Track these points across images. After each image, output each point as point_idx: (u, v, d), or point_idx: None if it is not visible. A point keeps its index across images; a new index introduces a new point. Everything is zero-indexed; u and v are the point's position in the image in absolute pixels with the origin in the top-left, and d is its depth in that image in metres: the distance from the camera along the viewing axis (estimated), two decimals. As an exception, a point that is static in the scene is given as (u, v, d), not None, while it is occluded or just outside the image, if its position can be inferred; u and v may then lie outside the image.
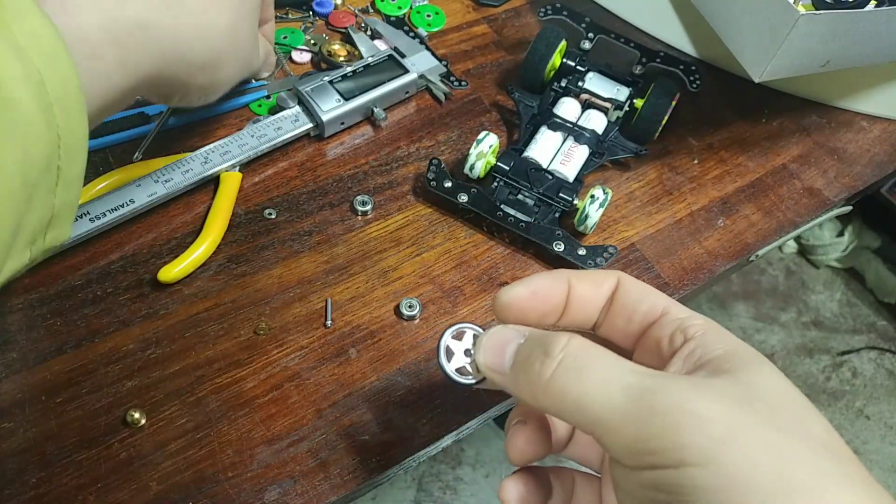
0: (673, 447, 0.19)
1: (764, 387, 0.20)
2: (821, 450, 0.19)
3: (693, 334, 0.23)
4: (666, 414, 0.19)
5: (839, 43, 0.43)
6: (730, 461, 0.18)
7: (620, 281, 0.26)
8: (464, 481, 1.16)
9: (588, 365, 0.22)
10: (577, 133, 0.47)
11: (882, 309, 1.45)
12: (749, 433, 0.19)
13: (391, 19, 0.55)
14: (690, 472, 0.18)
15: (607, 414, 0.20)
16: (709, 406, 0.19)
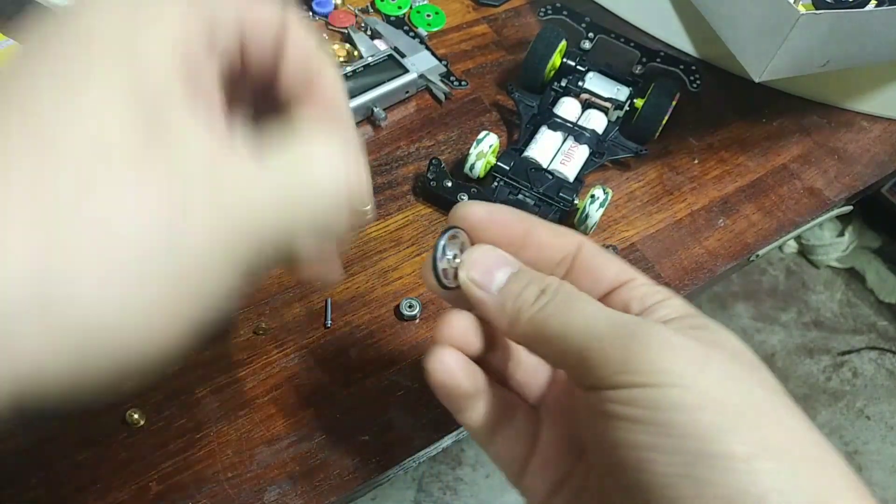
0: (653, 370, 0.20)
1: (726, 340, 0.23)
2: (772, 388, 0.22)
3: (661, 299, 0.25)
4: (648, 341, 0.21)
5: (839, 43, 0.43)
6: (704, 383, 0.20)
7: (584, 243, 0.27)
8: (464, 482, 1.16)
9: (576, 301, 0.23)
10: (578, 133, 0.46)
11: (882, 309, 1.45)
12: (719, 363, 0.21)
13: (391, 19, 0.55)
14: (669, 392, 0.20)
15: (591, 340, 0.22)
16: (683, 340, 0.21)
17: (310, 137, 0.22)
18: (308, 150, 0.21)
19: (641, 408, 0.20)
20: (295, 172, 0.20)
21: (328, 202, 0.21)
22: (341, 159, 0.22)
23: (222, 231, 0.18)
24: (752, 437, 0.19)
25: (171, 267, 0.17)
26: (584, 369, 0.22)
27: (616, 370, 0.21)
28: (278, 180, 0.20)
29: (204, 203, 0.17)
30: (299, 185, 0.20)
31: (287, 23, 0.22)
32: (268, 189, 0.19)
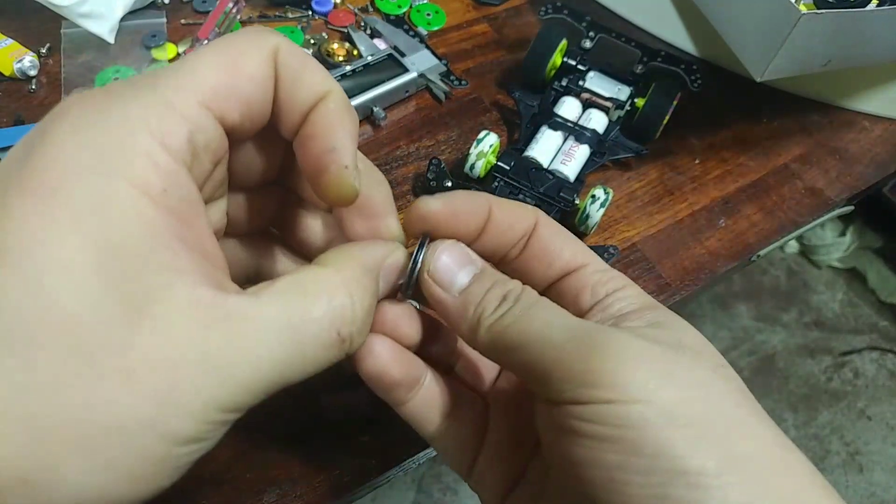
0: (616, 383, 0.19)
1: (687, 338, 0.22)
2: (737, 389, 0.21)
3: (614, 288, 0.24)
4: (609, 352, 0.20)
5: (841, 42, 0.43)
6: (669, 396, 0.19)
7: (539, 221, 0.26)
8: (464, 483, 1.15)
9: (537, 309, 0.22)
10: (578, 132, 0.46)
11: (884, 309, 1.45)
12: (683, 370, 0.20)
13: (391, 18, 0.55)
14: (635, 408, 0.19)
15: (551, 351, 0.21)
16: (646, 348, 0.20)
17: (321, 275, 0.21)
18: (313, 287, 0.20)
19: (608, 425, 0.19)
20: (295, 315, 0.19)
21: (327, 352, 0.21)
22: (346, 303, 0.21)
23: (213, 406, 0.17)
24: (721, 451, 0.19)
25: (159, 448, 0.16)
26: (545, 382, 0.21)
27: (578, 383, 0.20)
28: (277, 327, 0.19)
29: (193, 384, 0.17)
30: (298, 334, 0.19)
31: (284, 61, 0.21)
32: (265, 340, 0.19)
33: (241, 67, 0.19)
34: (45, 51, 0.49)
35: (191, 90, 0.18)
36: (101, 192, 0.16)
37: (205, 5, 0.53)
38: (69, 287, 0.15)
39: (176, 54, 0.50)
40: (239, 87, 0.19)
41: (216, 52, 0.19)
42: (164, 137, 0.18)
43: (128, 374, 0.16)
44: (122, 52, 0.49)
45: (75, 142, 0.17)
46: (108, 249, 0.16)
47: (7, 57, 0.46)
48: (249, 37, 0.20)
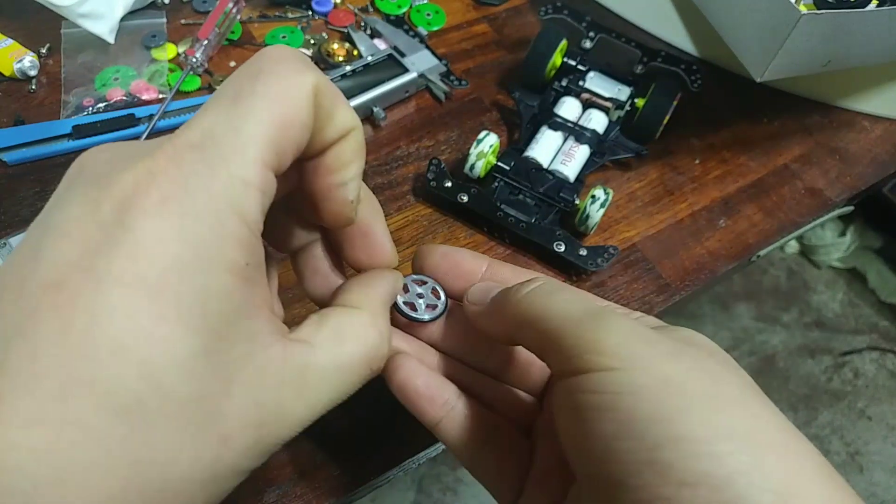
0: (620, 353, 0.21)
1: (701, 340, 0.24)
2: (744, 379, 0.22)
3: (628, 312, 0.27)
4: (617, 326, 0.22)
5: (841, 43, 0.43)
6: (671, 369, 0.20)
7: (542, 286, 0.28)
8: (464, 483, 1.15)
9: (558, 290, 0.25)
10: (578, 133, 0.46)
11: (884, 309, 1.45)
12: (690, 356, 0.21)
13: (391, 18, 0.55)
14: (634, 374, 0.20)
15: (566, 322, 0.23)
16: (656, 334, 0.22)
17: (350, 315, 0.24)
18: (349, 327, 0.23)
19: (607, 393, 0.20)
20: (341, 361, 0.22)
21: (361, 383, 0.24)
22: (375, 338, 0.24)
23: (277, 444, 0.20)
24: (717, 421, 0.19)
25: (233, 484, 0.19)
26: (558, 351, 0.22)
27: (585, 350, 0.21)
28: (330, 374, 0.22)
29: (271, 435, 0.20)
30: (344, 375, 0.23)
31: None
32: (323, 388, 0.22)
33: (293, 117, 0.19)
34: (45, 51, 0.49)
35: (258, 157, 0.18)
36: (202, 285, 0.17)
37: (205, 5, 0.53)
38: (181, 375, 0.17)
39: (176, 54, 0.50)
40: (293, 136, 0.20)
41: (269, 101, 0.19)
42: (245, 214, 0.18)
43: (226, 438, 0.18)
44: (123, 53, 0.49)
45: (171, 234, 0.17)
46: (209, 334, 0.17)
47: (7, 57, 0.46)
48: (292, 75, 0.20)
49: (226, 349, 0.18)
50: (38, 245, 0.17)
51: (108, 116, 0.45)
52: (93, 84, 0.47)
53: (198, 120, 0.19)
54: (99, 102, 0.46)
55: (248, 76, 0.19)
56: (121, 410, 0.16)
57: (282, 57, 0.20)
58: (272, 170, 0.19)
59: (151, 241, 0.17)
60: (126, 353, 0.16)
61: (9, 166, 0.42)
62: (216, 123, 0.18)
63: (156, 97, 0.47)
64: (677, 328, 0.24)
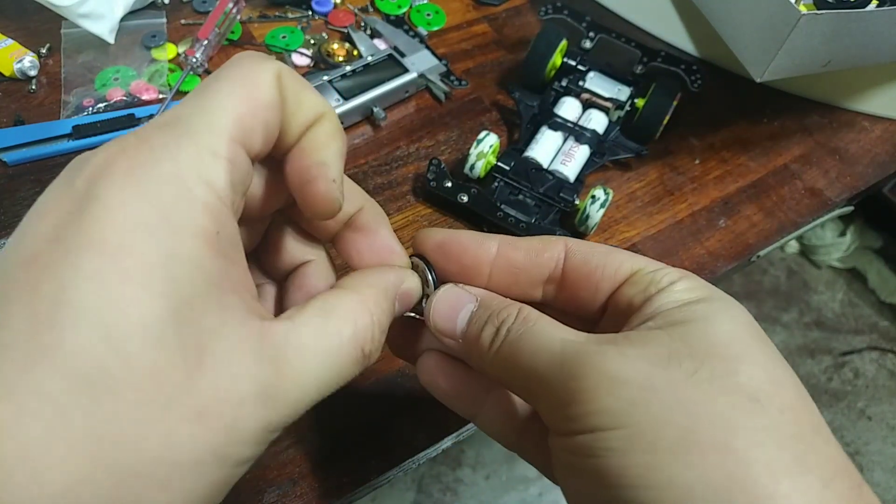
0: (589, 412, 0.19)
1: (707, 336, 0.20)
2: (742, 403, 0.19)
3: (663, 286, 0.23)
4: (584, 378, 0.20)
5: (841, 43, 0.43)
6: (637, 422, 0.18)
7: (570, 250, 0.25)
8: (464, 483, 1.16)
9: (525, 336, 0.22)
10: (578, 133, 0.46)
11: (884, 309, 1.45)
12: (664, 391, 0.19)
13: (391, 18, 0.55)
14: (603, 436, 0.19)
15: (538, 382, 0.21)
16: (627, 367, 0.19)
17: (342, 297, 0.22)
18: (338, 309, 0.22)
19: (584, 456, 0.19)
20: (330, 338, 0.21)
21: (354, 367, 0.22)
22: (367, 324, 0.22)
23: (268, 429, 0.19)
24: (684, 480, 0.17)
25: (226, 473, 0.18)
26: (542, 413, 0.21)
27: (563, 416, 0.20)
28: (316, 351, 0.20)
29: (253, 414, 0.18)
30: (333, 355, 0.21)
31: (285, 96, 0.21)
32: (309, 365, 0.20)
33: (258, 96, 0.20)
34: (45, 51, 0.49)
35: (223, 130, 0.19)
36: (169, 248, 0.17)
37: (205, 5, 0.53)
38: (146, 342, 0.16)
39: (176, 54, 0.50)
40: (260, 115, 0.20)
41: (231, 84, 0.19)
42: (214, 182, 0.18)
43: (200, 413, 0.17)
44: (122, 53, 0.49)
45: (136, 198, 0.17)
46: (176, 300, 0.17)
47: (7, 57, 0.46)
48: (252, 64, 0.20)
49: (196, 318, 0.17)
50: (20, 229, 0.17)
51: (108, 116, 0.45)
52: (93, 84, 0.47)
53: (169, 110, 0.19)
54: (99, 102, 0.46)
55: (212, 75, 0.20)
56: (83, 379, 0.15)
57: (245, 55, 0.21)
58: (241, 145, 0.19)
59: (116, 204, 0.17)
60: (89, 315, 0.16)
61: (9, 166, 0.42)
62: (184, 107, 0.19)
63: (156, 97, 0.47)
64: (696, 315, 0.21)
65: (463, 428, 0.36)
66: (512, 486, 1.16)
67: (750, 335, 0.21)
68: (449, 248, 0.26)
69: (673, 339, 0.20)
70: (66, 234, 0.16)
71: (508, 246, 0.26)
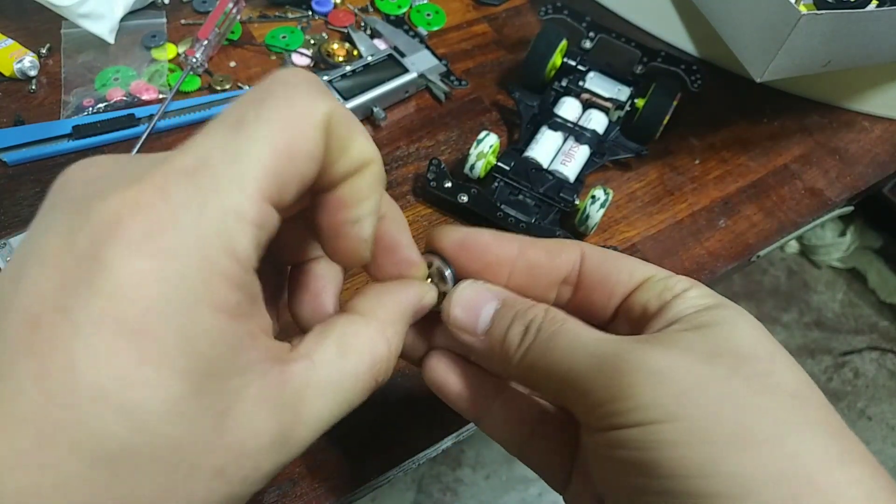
0: (636, 406, 0.19)
1: (736, 339, 0.21)
2: (786, 399, 0.19)
3: (678, 292, 0.23)
4: (629, 374, 0.20)
5: (841, 43, 0.43)
6: (689, 415, 0.18)
7: (586, 255, 0.25)
8: (464, 483, 1.16)
9: (560, 336, 0.22)
10: (578, 133, 0.46)
11: (884, 309, 1.45)
12: (710, 386, 0.19)
13: (391, 18, 0.55)
14: (653, 429, 0.19)
15: (577, 381, 0.21)
16: (671, 362, 0.20)
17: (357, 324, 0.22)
18: (354, 341, 0.21)
19: (632, 449, 0.19)
20: (345, 376, 0.21)
21: (365, 395, 0.22)
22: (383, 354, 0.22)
23: (280, 466, 0.19)
24: (743, 471, 0.18)
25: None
26: (577, 410, 0.21)
27: (605, 412, 0.20)
28: (332, 389, 0.21)
29: (270, 461, 0.19)
30: (348, 391, 0.21)
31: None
32: (325, 404, 0.21)
33: (300, 148, 0.18)
34: (45, 51, 0.49)
35: (255, 187, 0.17)
36: (187, 326, 0.16)
37: (205, 5, 0.53)
38: (168, 418, 0.16)
39: (176, 54, 0.50)
40: (298, 169, 0.18)
41: (273, 130, 0.17)
42: (238, 252, 0.17)
43: (220, 471, 0.17)
44: (122, 53, 0.49)
45: (152, 272, 0.16)
46: (197, 375, 0.16)
47: (7, 57, 0.46)
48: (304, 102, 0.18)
49: (217, 388, 0.17)
50: (18, 274, 0.16)
51: (108, 116, 0.45)
52: (93, 84, 0.47)
53: (195, 143, 0.17)
54: (99, 102, 0.46)
55: (254, 101, 0.18)
56: (103, 456, 0.15)
57: (293, 81, 0.18)
58: (272, 203, 0.17)
59: (131, 280, 0.15)
60: (106, 398, 0.15)
61: (9, 166, 0.42)
62: (213, 149, 0.17)
63: (156, 97, 0.47)
64: (719, 319, 0.21)
65: (463, 428, 0.36)
66: (512, 486, 1.16)
67: (769, 340, 0.21)
68: (470, 246, 0.25)
69: (706, 340, 0.20)
70: (74, 304, 0.15)
71: (529, 246, 0.25)
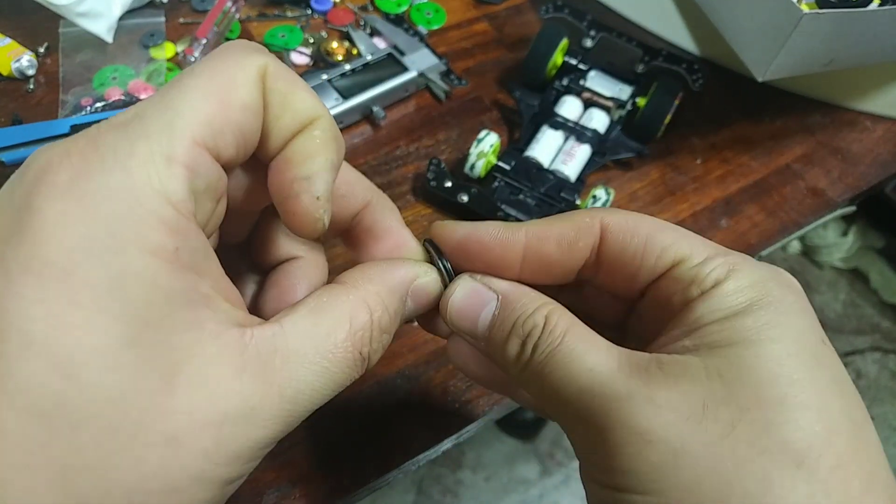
0: (615, 468, 0.18)
1: (754, 366, 0.18)
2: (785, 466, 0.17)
3: (707, 287, 0.20)
4: (611, 430, 0.18)
5: (843, 42, 0.43)
6: (668, 489, 0.17)
7: (608, 232, 0.22)
8: (464, 484, 1.15)
9: (552, 358, 0.20)
10: (579, 132, 0.46)
11: (886, 310, 1.45)
12: (695, 456, 0.17)
13: (391, 17, 0.55)
14: (631, 499, 0.18)
15: (565, 412, 0.20)
16: (656, 422, 0.18)
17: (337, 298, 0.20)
18: (332, 313, 0.20)
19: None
20: (321, 341, 0.19)
21: (352, 371, 0.20)
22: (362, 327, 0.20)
23: (257, 447, 0.18)
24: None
25: (212, 493, 0.17)
26: (572, 444, 0.20)
27: (587, 460, 0.19)
28: (306, 356, 0.19)
29: (237, 434, 0.17)
30: (326, 360, 0.19)
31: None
32: (298, 372, 0.18)
33: (232, 96, 0.18)
34: (44, 50, 0.48)
35: (185, 132, 0.17)
36: (118, 267, 0.15)
37: (203, 4, 0.53)
38: (104, 368, 0.15)
39: (174, 53, 0.50)
40: (232, 118, 0.18)
41: (204, 80, 0.18)
42: (169, 193, 0.16)
43: (174, 438, 0.16)
44: (121, 52, 0.49)
45: (79, 214, 0.15)
46: (133, 322, 0.15)
47: (5, 56, 0.46)
48: (235, 57, 0.18)
49: (159, 340, 0.16)
50: None
51: (106, 116, 0.44)
52: (91, 83, 0.47)
53: (139, 103, 0.17)
54: (97, 102, 0.46)
55: (191, 68, 0.18)
56: (37, 411, 0.14)
57: (232, 44, 0.19)
58: (208, 150, 0.17)
59: (57, 221, 0.15)
60: (37, 344, 0.14)
61: (6, 166, 0.42)
62: (148, 102, 0.17)
63: (154, 96, 0.47)
64: (754, 326, 0.19)
65: (463, 430, 0.36)
66: (512, 487, 1.15)
67: (803, 359, 0.18)
68: (469, 246, 0.23)
69: (710, 376, 0.18)
70: (5, 253, 0.15)
71: (538, 240, 0.22)
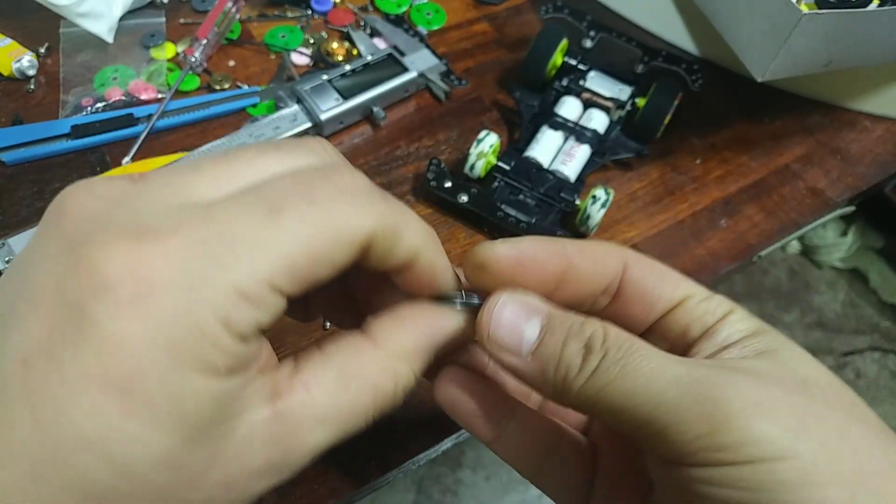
0: (745, 441, 0.17)
1: (800, 367, 0.20)
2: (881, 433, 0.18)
3: (720, 316, 0.22)
4: (731, 407, 0.18)
5: (842, 42, 0.43)
6: (807, 451, 0.17)
7: (630, 264, 0.23)
8: (464, 484, 1.15)
9: (634, 359, 0.19)
10: (579, 132, 0.46)
11: (886, 310, 1.45)
12: (819, 421, 0.18)
13: (391, 17, 0.55)
14: (769, 467, 0.17)
15: (662, 410, 0.18)
16: (771, 393, 0.18)
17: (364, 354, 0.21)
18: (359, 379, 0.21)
19: (741, 489, 0.17)
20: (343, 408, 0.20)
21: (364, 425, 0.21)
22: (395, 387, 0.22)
23: (271, 488, 0.19)
24: None
25: None
26: (659, 442, 0.19)
27: (701, 445, 0.18)
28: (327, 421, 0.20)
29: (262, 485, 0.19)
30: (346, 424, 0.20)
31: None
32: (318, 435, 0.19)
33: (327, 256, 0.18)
34: (44, 50, 0.48)
35: (265, 277, 0.17)
36: (174, 391, 0.16)
37: (204, 4, 0.53)
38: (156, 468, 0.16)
39: (175, 54, 0.50)
40: (317, 274, 0.18)
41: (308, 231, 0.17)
42: (233, 326, 0.17)
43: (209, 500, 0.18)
44: (121, 52, 0.49)
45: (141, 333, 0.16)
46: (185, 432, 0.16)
47: (6, 56, 0.46)
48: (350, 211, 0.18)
49: (207, 436, 0.17)
50: (11, 309, 0.17)
51: (107, 116, 0.44)
52: (91, 84, 0.47)
53: (223, 210, 0.17)
54: (98, 102, 0.46)
55: (301, 192, 0.18)
56: (93, 496, 0.16)
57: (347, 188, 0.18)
58: (282, 294, 0.17)
59: (119, 339, 0.15)
60: (93, 447, 0.15)
61: (7, 166, 0.42)
62: (241, 227, 0.17)
63: (154, 97, 0.47)
64: (777, 347, 0.20)
65: (463, 430, 0.36)
66: (512, 487, 1.16)
67: (821, 365, 0.20)
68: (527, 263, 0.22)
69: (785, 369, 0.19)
70: (62, 354, 0.15)
71: (576, 253, 0.22)
